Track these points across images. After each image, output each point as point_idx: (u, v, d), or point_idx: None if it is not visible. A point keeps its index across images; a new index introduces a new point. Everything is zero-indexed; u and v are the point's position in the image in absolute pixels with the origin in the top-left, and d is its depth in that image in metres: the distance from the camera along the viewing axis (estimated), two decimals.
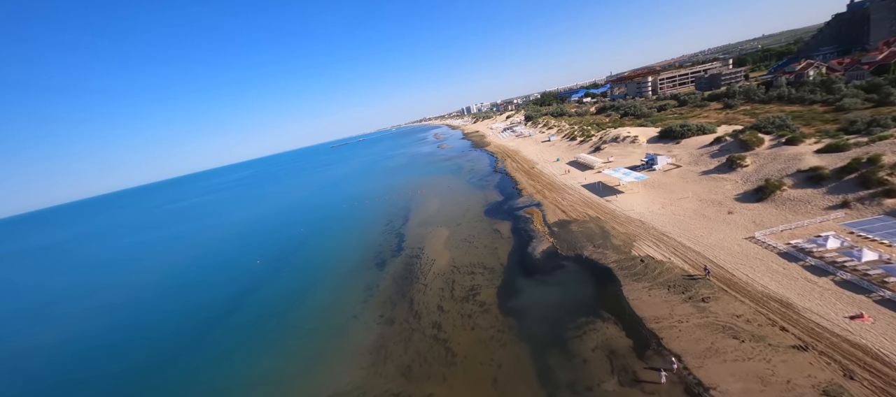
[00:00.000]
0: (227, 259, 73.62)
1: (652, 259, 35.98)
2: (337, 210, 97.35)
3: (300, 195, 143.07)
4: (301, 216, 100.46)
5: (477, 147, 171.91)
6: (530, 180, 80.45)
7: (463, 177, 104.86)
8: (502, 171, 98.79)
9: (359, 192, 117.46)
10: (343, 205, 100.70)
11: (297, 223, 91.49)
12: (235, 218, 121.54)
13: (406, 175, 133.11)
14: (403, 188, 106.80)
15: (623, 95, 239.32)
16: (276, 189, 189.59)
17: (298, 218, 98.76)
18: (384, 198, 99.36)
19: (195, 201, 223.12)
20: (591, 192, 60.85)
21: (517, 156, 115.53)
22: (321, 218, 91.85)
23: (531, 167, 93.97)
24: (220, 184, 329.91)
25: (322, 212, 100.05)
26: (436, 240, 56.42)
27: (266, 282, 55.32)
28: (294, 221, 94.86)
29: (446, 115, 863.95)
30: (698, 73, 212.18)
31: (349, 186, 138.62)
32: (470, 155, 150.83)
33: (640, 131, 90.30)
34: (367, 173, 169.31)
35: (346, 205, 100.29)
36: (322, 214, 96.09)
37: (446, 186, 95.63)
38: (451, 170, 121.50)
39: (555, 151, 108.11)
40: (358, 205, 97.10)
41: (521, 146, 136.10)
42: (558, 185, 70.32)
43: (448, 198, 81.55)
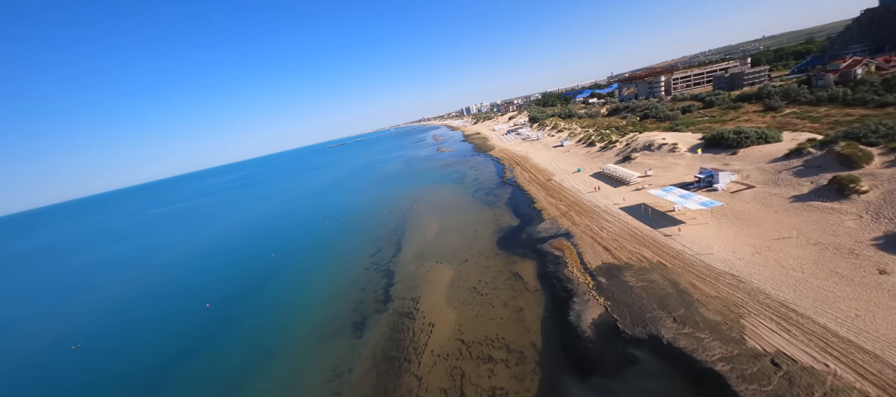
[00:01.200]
0: (175, 296, 59.09)
1: (792, 362, 21.87)
2: (319, 228, 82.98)
3: (284, 205, 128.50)
4: (278, 235, 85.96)
5: (479, 151, 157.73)
6: (549, 197, 66.26)
7: (466, 188, 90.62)
8: (513, 183, 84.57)
9: (348, 204, 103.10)
10: (327, 222, 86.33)
11: (270, 245, 77.01)
12: (208, 232, 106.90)
13: (402, 183, 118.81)
14: (398, 201, 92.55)
15: (633, 96, 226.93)
16: (262, 194, 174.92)
17: (274, 237, 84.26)
18: (375, 213, 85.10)
19: (177, 206, 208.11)
20: (636, 220, 46.74)
21: (528, 165, 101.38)
22: (299, 239, 77.37)
23: (548, 179, 79.77)
24: (209, 188, 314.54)
25: (302, 229, 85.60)
26: (435, 286, 42.21)
27: (203, 346, 40.90)
28: (268, 242, 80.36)
29: (445, 116, 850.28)
30: (716, 72, 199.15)
31: (339, 195, 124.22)
32: (472, 160, 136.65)
33: (676, 137, 76.32)
34: (360, 179, 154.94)
35: (330, 222, 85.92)
36: (301, 233, 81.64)
37: (447, 200, 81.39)
38: (453, 178, 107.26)
39: (572, 159, 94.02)
40: (344, 223, 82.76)
41: (529, 152, 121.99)
42: (588, 206, 56.17)
43: (450, 219, 67.30)
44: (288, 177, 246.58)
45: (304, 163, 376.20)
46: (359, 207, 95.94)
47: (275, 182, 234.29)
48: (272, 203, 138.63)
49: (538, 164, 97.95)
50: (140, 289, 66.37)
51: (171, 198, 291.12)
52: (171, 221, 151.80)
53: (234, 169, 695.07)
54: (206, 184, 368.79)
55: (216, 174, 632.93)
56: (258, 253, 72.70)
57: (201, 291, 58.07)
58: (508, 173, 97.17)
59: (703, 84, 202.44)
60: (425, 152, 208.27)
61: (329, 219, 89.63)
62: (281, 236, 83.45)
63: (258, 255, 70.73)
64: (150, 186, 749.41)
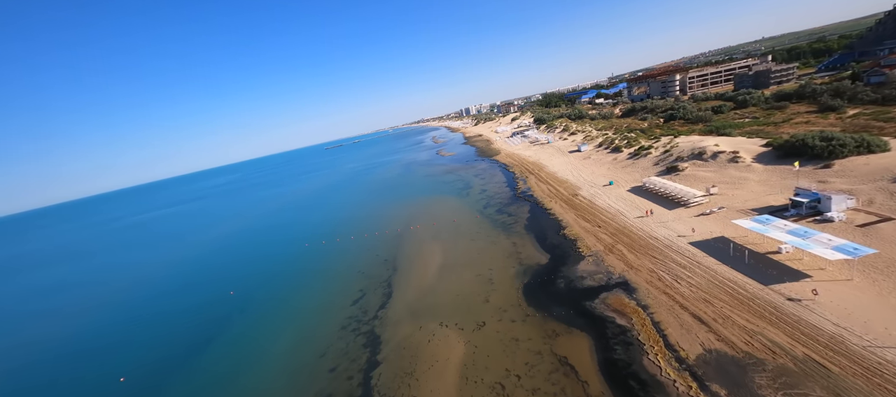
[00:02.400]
0: (75, 360, 44.49)
1: None
2: (295, 253, 68.59)
3: (264, 217, 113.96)
4: (244, 261, 71.42)
5: (484, 155, 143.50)
6: (582, 220, 52.03)
7: (473, 202, 76.32)
8: (529, 197, 70.33)
9: (334, 220, 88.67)
10: (306, 244, 71.90)
11: (232, 276, 62.55)
12: (164, 254, 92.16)
13: (397, 193, 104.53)
14: (392, 216, 78.29)
15: (646, 95, 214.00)
16: (245, 203, 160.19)
17: (240, 264, 69.80)
18: (364, 232, 70.79)
19: (151, 216, 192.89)
20: (725, 265, 32.59)
21: (543, 174, 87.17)
22: (268, 269, 62.81)
23: (573, 194, 65.55)
24: (195, 192, 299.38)
25: (275, 254, 71.07)
26: (438, 374, 27.88)
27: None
28: (231, 272, 65.89)
29: (444, 117, 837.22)
30: (736, 69, 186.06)
31: (325, 207, 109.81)
32: (477, 166, 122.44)
33: (732, 144, 62.25)
34: (352, 187, 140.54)
35: (310, 244, 71.53)
36: (272, 261, 67.07)
37: (451, 219, 67.10)
38: (456, 189, 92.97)
39: (598, 168, 79.87)
40: (326, 246, 68.41)
41: (542, 157, 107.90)
42: (641, 237, 42.02)
43: (455, 248, 52.99)
44: (279, 182, 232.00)
45: (300, 165, 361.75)
46: (346, 224, 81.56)
47: (264, 187, 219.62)
48: (251, 214, 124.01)
49: (556, 174, 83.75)
50: (65, 341, 51.72)
51: (152, 203, 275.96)
52: (131, 237, 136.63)
53: (230, 170, 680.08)
54: (196, 188, 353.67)
55: (207, 177, 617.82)
56: (213, 288, 58.16)
57: (114, 354, 43.46)
58: (521, 184, 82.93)
59: (721, 83, 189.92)
60: (424, 156, 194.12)
61: (310, 239, 75.18)
62: (248, 264, 68.91)
63: (211, 293, 56.19)
64: (144, 188, 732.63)
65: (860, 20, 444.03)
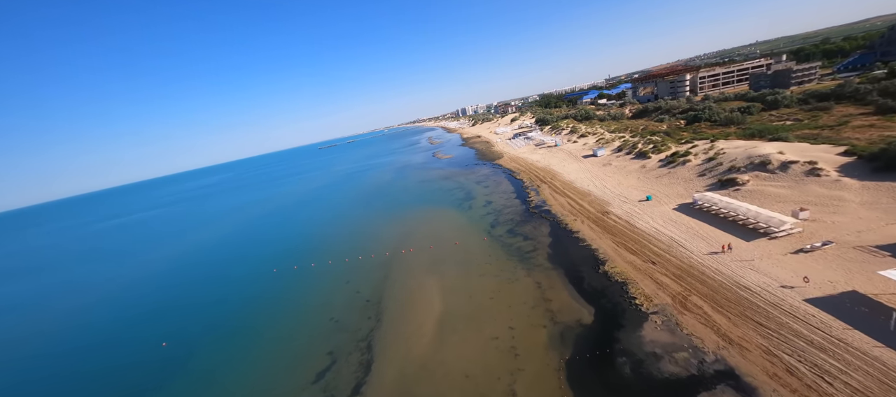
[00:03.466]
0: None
1: None
2: (259, 282, 55.48)
3: (234, 229, 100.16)
4: (197, 291, 57.92)
5: (484, 159, 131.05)
6: (625, 250, 39.71)
7: (478, 219, 63.75)
8: (546, 214, 57.90)
9: (312, 237, 75.51)
10: (275, 270, 58.77)
11: (173, 319, 49.28)
12: (102, 278, 78.45)
13: (388, 202, 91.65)
14: (380, 234, 65.51)
15: (653, 96, 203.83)
16: (221, 209, 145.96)
17: (191, 295, 56.37)
18: (345, 255, 57.90)
19: (130, 219, 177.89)
20: (893, 349, 20.62)
21: (558, 183, 74.86)
22: (222, 307, 49.55)
23: (602, 210, 53.23)
24: (176, 195, 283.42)
25: (235, 282, 57.78)
26: None
27: None
28: (174, 309, 52.52)
29: (440, 117, 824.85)
30: (749, 69, 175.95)
31: (306, 218, 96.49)
32: (477, 171, 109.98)
33: (797, 151, 50.48)
34: (341, 193, 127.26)
35: (278, 270, 58.45)
36: (230, 294, 53.76)
37: (451, 241, 54.43)
38: (456, 199, 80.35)
39: (623, 177, 67.71)
40: (298, 273, 55.39)
41: (552, 162, 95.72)
42: (722, 285, 29.77)
43: (461, 289, 40.21)
44: (266, 183, 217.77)
45: (290, 166, 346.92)
46: (326, 242, 68.54)
47: (249, 189, 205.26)
48: (224, 224, 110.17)
49: (574, 183, 71.47)
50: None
51: (127, 206, 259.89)
52: (109, 243, 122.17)
53: (224, 169, 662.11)
54: (181, 189, 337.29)
55: (204, 175, 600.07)
56: (143, 336, 44.82)
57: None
58: (534, 195, 70.47)
59: (733, 83, 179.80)
60: (420, 158, 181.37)
61: (280, 261, 62.10)
62: (199, 296, 55.49)
63: (138, 344, 42.85)
64: (133, 187, 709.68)
65: (854, 25, 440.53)
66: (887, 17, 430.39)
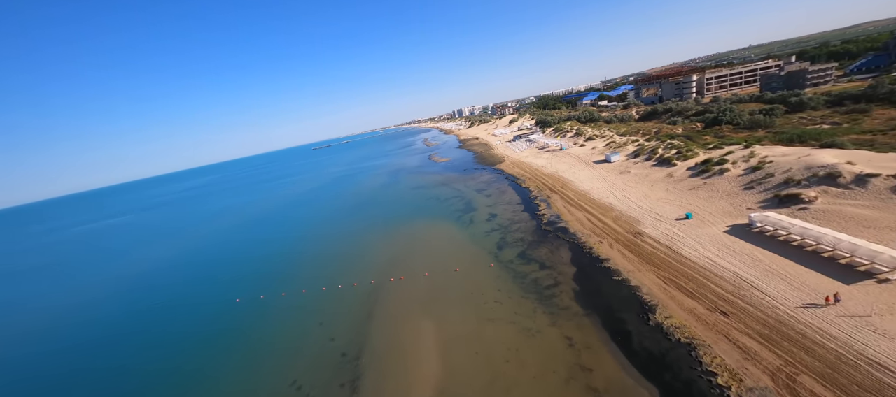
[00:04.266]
0: None
1: None
2: (217, 314, 45.54)
3: (205, 241, 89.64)
4: (139, 326, 47.70)
5: (484, 163, 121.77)
6: (676, 289, 30.53)
7: (481, 237, 54.19)
8: (563, 232, 48.63)
9: (287, 255, 65.39)
10: (238, 300, 48.76)
11: (102, 368, 39.24)
12: (49, 303, 67.87)
13: (378, 214, 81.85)
14: (365, 255, 55.77)
15: (657, 98, 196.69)
16: (198, 216, 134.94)
17: (130, 332, 46.21)
18: (322, 282, 48.14)
19: (96, 226, 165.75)
20: None
21: (571, 193, 65.70)
22: (162, 357, 39.54)
23: (633, 230, 44.08)
24: (164, 196, 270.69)
25: (188, 315, 47.57)
26: None
27: None
28: (107, 354, 42.42)
29: (436, 118, 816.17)
30: (759, 71, 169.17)
31: (286, 230, 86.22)
32: (477, 177, 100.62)
33: (864, 160, 41.86)
34: (327, 199, 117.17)
35: (245, 295, 48.58)
36: (173, 333, 43.55)
37: (451, 269, 44.90)
38: (455, 211, 70.77)
39: (648, 188, 58.68)
40: (263, 306, 45.54)
41: (561, 168, 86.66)
42: (844, 359, 20.65)
43: (464, 343, 30.61)
44: (252, 187, 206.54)
45: (282, 167, 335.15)
46: (302, 264, 58.62)
47: (233, 193, 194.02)
48: (193, 235, 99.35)
49: (590, 193, 62.34)
50: None
51: (102, 210, 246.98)
52: (59, 258, 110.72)
53: (214, 170, 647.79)
54: (164, 191, 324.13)
55: (193, 176, 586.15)
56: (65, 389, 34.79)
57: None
58: (544, 207, 61.15)
59: (741, 85, 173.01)
60: (415, 161, 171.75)
61: (246, 287, 52.09)
62: (139, 336, 45.25)
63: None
64: (121, 188, 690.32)
65: (846, 29, 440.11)
66: (878, 23, 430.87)
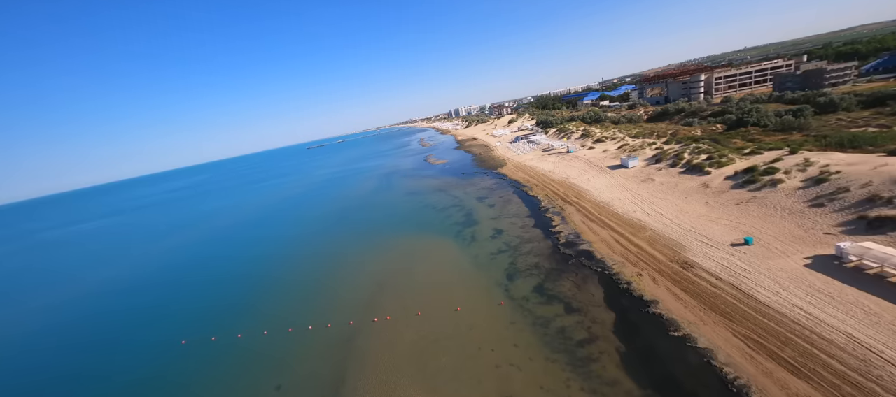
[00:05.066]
0: None
1: None
2: (153, 364, 35.73)
3: (166, 259, 79.16)
4: (50, 374, 37.87)
5: (484, 166, 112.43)
6: (776, 363, 21.23)
7: (486, 261, 44.74)
8: (587, 258, 39.34)
9: (255, 279, 55.32)
10: (191, 334, 38.98)
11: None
12: None
13: (365, 226, 72.12)
14: (346, 284, 46.05)
15: (664, 98, 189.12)
16: (168, 224, 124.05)
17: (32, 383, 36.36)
18: (291, 318, 38.47)
19: (55, 234, 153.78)
20: None
21: (588, 203, 56.47)
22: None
23: (678, 259, 34.84)
24: (134, 200, 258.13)
25: (118, 366, 37.60)
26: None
27: None
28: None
29: (433, 118, 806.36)
30: (769, 70, 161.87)
31: (259, 245, 75.85)
32: (477, 182, 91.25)
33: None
34: (312, 205, 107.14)
35: (193, 337, 38.68)
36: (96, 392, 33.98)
37: (450, 305, 35.35)
38: (453, 224, 61.21)
39: (682, 201, 49.65)
40: (216, 348, 35.80)
41: (571, 174, 77.58)
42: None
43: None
44: (238, 188, 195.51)
45: (272, 167, 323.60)
46: (268, 293, 48.73)
47: (213, 196, 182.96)
48: (154, 250, 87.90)
49: (610, 205, 53.18)
50: None
51: (74, 214, 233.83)
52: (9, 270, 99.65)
53: (202, 170, 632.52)
54: (143, 194, 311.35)
55: (180, 176, 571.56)
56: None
57: None
58: (559, 222, 51.79)
59: (751, 84, 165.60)
60: (409, 162, 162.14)
61: (197, 326, 42.13)
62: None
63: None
64: (107, 188, 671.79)
65: (840, 32, 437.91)
66: (874, 26, 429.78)
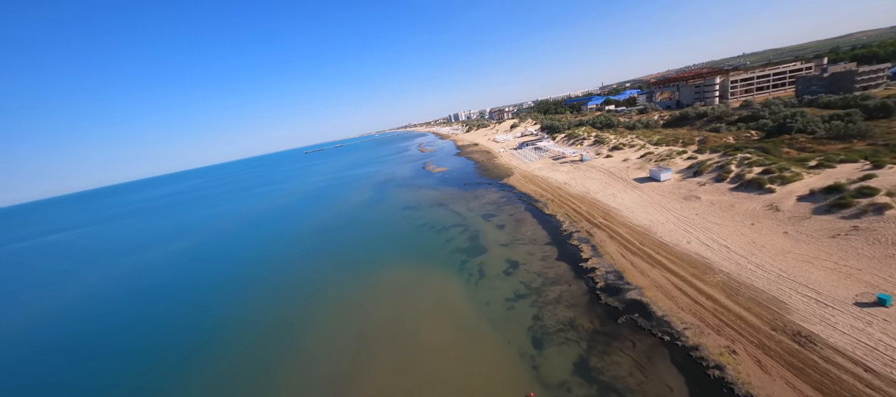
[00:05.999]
0: None
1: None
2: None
3: (109, 289, 68.16)
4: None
5: (489, 175, 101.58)
6: None
7: (501, 311, 33.62)
8: (641, 312, 28.43)
9: (203, 321, 44.21)
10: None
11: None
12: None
13: (349, 250, 60.90)
14: (315, 338, 34.98)
15: (674, 102, 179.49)
16: (141, 239, 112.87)
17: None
18: (238, 387, 27.52)
19: (19, 246, 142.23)
20: None
21: (618, 226, 45.58)
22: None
23: (782, 328, 23.75)
24: (123, 206, 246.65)
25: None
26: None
27: None
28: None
29: (432, 122, 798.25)
30: (788, 73, 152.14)
31: (226, 270, 64.75)
32: (482, 195, 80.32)
33: None
34: (296, 218, 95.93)
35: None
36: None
37: (457, 394, 24.72)
38: (455, 249, 50.15)
39: (747, 229, 38.66)
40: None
41: (590, 186, 66.82)
42: None
43: None
44: (222, 197, 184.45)
45: (265, 174, 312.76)
46: (215, 343, 37.66)
47: (196, 205, 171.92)
48: (89, 281, 76.71)
49: (653, 231, 42.26)
50: None
51: (50, 224, 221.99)
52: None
53: (191, 176, 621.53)
54: (131, 200, 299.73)
55: (174, 180, 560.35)
56: None
57: None
58: (588, 252, 40.88)
59: (769, 88, 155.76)
60: (407, 169, 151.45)
61: (123, 388, 31.23)
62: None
63: None
64: (98, 192, 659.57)
65: (838, 38, 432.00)
66: (871, 32, 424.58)
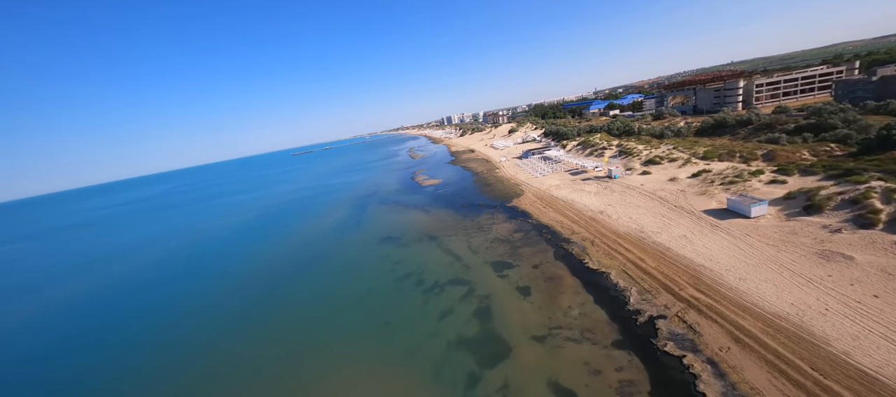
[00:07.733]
0: None
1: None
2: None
3: (45, 317, 47.80)
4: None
5: (491, 194, 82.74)
6: None
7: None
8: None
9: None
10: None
11: None
12: None
13: (298, 322, 41.68)
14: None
15: (691, 107, 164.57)
16: (88, 256, 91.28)
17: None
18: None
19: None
20: None
21: (736, 313, 26.95)
22: None
23: None
24: (78, 214, 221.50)
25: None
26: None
27: None
28: None
29: (425, 125, 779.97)
30: (817, 77, 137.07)
31: (159, 316, 44.95)
32: (487, 224, 61.37)
33: None
34: (249, 249, 75.47)
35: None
36: None
37: None
38: (458, 345, 31.01)
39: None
40: None
41: (643, 221, 48.50)
42: None
43: None
44: (178, 208, 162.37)
45: (242, 178, 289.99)
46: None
47: (144, 219, 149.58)
48: (38, 310, 56.55)
49: (808, 330, 23.81)
50: None
51: (26, 225, 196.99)
52: None
53: (167, 178, 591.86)
54: (101, 204, 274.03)
55: (145, 184, 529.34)
56: None
57: None
58: (709, 378, 22.58)
59: (797, 93, 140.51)
60: (394, 179, 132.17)
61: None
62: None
63: None
64: (81, 192, 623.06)
65: (825, 49, 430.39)
66: (857, 43, 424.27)
